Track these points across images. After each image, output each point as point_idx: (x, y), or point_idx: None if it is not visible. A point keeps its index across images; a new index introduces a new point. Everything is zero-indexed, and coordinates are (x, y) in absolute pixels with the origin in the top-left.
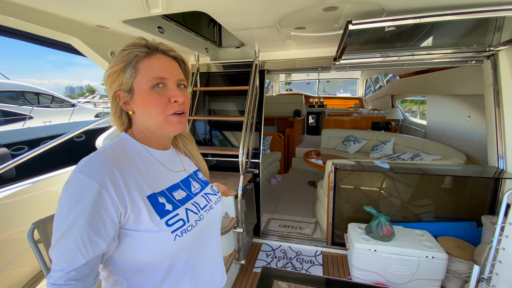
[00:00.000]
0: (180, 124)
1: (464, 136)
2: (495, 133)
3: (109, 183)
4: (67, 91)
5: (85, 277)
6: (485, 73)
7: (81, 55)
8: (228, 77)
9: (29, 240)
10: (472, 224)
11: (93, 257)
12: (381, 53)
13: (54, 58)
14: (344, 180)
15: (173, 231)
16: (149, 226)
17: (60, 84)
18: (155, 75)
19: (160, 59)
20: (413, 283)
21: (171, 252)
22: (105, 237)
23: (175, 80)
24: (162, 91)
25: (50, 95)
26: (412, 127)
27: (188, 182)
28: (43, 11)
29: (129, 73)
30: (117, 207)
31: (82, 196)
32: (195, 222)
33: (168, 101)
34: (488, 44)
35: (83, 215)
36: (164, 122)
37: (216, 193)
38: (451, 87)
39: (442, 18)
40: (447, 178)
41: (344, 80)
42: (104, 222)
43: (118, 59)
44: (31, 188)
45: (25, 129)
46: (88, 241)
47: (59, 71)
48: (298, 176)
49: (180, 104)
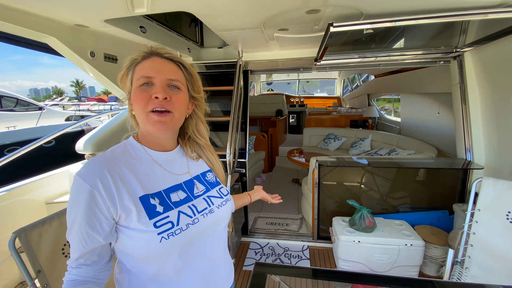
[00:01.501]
0: (160, 123)
1: (435, 131)
2: (463, 128)
3: (100, 185)
4: (31, 94)
5: (93, 263)
6: (452, 73)
7: (58, 55)
8: (211, 78)
9: (10, 249)
10: (444, 212)
11: (92, 248)
12: (359, 54)
13: (16, 58)
14: (327, 176)
15: (160, 233)
16: (137, 225)
17: (23, 86)
18: (142, 74)
19: (152, 61)
20: (394, 270)
21: (157, 253)
22: (101, 232)
23: (163, 79)
24: (147, 89)
25: (14, 97)
26: (387, 124)
27: (191, 184)
28: (18, 9)
29: (130, 76)
30: (108, 206)
31: (78, 196)
32: (186, 226)
33: (149, 97)
34: (454, 46)
35: (80, 213)
36: (145, 119)
37: (223, 196)
38: (422, 86)
39: (415, 21)
40: (421, 170)
41: (321, 80)
42: (99, 219)
43: (124, 65)
44: (5, 197)
45: None
46: (86, 235)
47: (21, 72)
48: (282, 174)
49: (161, 101)
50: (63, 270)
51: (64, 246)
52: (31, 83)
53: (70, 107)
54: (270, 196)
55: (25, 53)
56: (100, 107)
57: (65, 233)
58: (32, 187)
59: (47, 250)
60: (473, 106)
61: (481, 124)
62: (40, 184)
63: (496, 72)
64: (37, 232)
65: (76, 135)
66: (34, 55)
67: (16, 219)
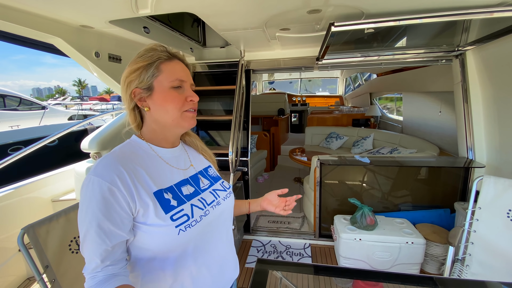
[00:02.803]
0: (193, 119)
1: (437, 130)
2: (464, 127)
3: (118, 181)
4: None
5: (118, 262)
6: (454, 71)
7: (64, 55)
8: (214, 77)
9: (19, 245)
10: (446, 210)
11: (114, 244)
12: (361, 53)
13: (18, 57)
14: (329, 175)
15: (177, 226)
16: (155, 220)
17: (25, 86)
18: (177, 77)
19: (179, 64)
20: (396, 268)
21: (175, 245)
22: (123, 227)
23: (190, 83)
24: (180, 91)
25: (17, 97)
26: (389, 123)
27: (197, 178)
28: (25, 10)
29: (151, 72)
30: (128, 202)
31: (96, 195)
32: (200, 218)
33: (184, 99)
34: (456, 45)
35: (100, 211)
36: (180, 117)
37: (226, 189)
38: (424, 85)
39: (417, 21)
40: (423, 169)
41: (323, 79)
42: (120, 215)
43: (141, 58)
44: (12, 195)
45: None
46: (109, 232)
47: (24, 71)
48: (284, 173)
49: (194, 103)
50: (69, 265)
51: (71, 242)
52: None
53: (73, 106)
54: (275, 203)
55: (27, 52)
56: (102, 106)
57: (71, 229)
58: (38, 185)
59: (54, 246)
60: (475, 105)
61: (482, 122)
62: (46, 182)
63: (498, 70)
64: (45, 229)
65: (80, 134)
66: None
67: (23, 217)
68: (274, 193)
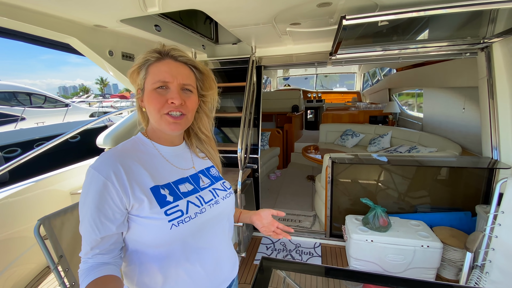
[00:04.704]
0: (174, 124)
1: (460, 128)
2: (489, 125)
3: (113, 176)
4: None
5: (108, 252)
6: (479, 65)
7: (80, 55)
8: (226, 74)
9: (35, 236)
10: (467, 213)
11: (104, 235)
12: (377, 47)
13: (46, 57)
14: (342, 173)
15: (170, 220)
16: (149, 214)
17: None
18: (159, 78)
19: (167, 64)
20: (409, 272)
21: (168, 240)
22: (114, 221)
23: (178, 83)
24: (163, 92)
25: (42, 95)
26: (409, 120)
27: (197, 177)
28: (41, 12)
29: (142, 75)
30: (121, 196)
31: (93, 187)
32: (194, 215)
33: (165, 101)
34: (482, 36)
35: (94, 203)
36: (159, 119)
37: (226, 189)
38: (447, 80)
39: (435, 11)
40: (443, 169)
41: (340, 75)
42: (112, 209)
43: (135, 62)
44: (33, 187)
45: (17, 131)
46: (100, 223)
47: (51, 70)
48: (297, 170)
49: (177, 106)
50: None
51: None
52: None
53: (96, 103)
54: (265, 222)
55: (54, 53)
56: (122, 103)
57: None
58: (58, 179)
59: (68, 237)
60: (501, 101)
61: (509, 120)
62: (66, 175)
63: None
64: (60, 220)
65: (100, 131)
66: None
67: (43, 208)
68: (268, 211)
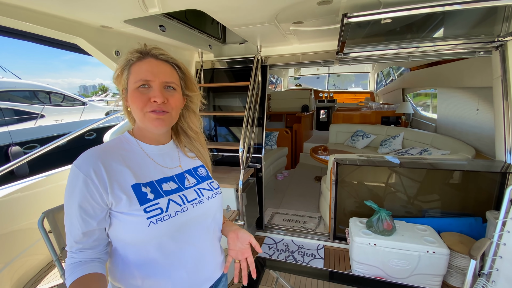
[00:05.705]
0: (158, 120)
1: (474, 130)
2: (503, 127)
3: (93, 174)
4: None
5: (92, 247)
6: (493, 65)
7: (88, 55)
8: (233, 73)
9: (39, 228)
10: (477, 219)
11: (86, 230)
12: (385, 45)
13: (67, 58)
14: (348, 175)
15: (149, 218)
16: (128, 210)
17: (73, 83)
18: (140, 77)
19: (148, 63)
20: (414, 278)
21: (147, 237)
22: (94, 216)
23: (160, 82)
24: (145, 91)
25: (61, 93)
26: (423, 121)
27: (182, 176)
28: (49, 13)
29: (125, 75)
30: (101, 193)
31: (74, 184)
32: (175, 213)
33: (148, 100)
34: (496, 34)
35: (75, 199)
36: (143, 118)
37: (213, 189)
38: (461, 80)
39: (441, 8)
40: (454, 173)
41: (356, 74)
42: (92, 205)
43: (119, 63)
44: (43, 182)
45: (37, 128)
46: (81, 219)
47: (72, 70)
48: (305, 171)
49: (159, 104)
50: None
51: None
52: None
53: (113, 102)
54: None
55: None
56: None
57: None
58: (67, 174)
59: None
60: None
61: None
62: None
63: None
64: (63, 213)
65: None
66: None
67: (54, 202)
68: (248, 236)
